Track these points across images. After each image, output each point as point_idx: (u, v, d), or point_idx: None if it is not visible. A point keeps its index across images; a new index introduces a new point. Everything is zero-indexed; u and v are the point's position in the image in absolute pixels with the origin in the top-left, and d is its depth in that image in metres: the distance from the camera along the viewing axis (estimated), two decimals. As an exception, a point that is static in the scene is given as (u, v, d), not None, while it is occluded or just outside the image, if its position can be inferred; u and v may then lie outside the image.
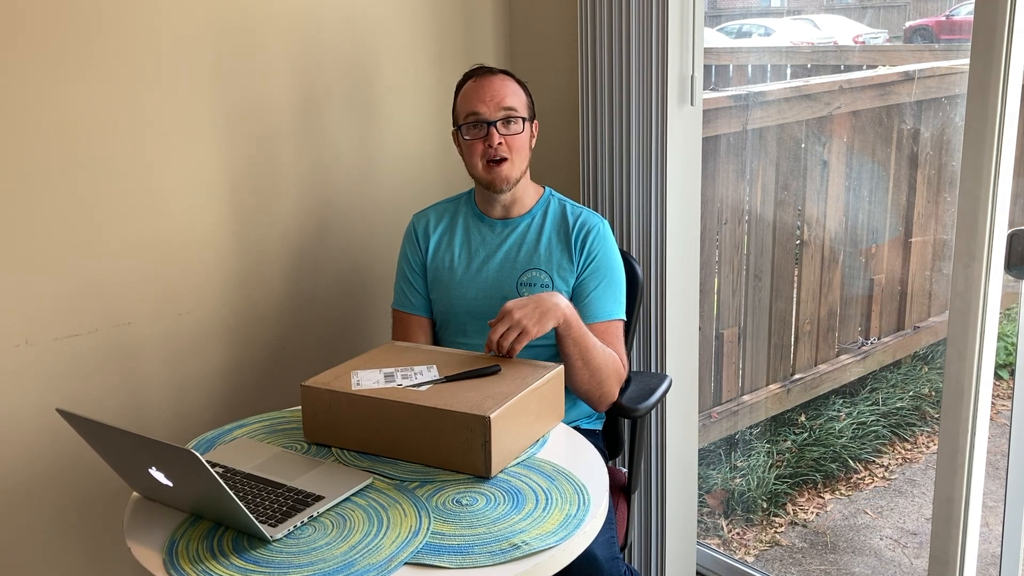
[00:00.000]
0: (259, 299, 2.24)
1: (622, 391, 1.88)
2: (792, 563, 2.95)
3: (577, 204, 1.98)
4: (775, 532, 3.14)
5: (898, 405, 3.91)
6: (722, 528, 3.15)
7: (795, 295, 3.70)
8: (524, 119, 1.90)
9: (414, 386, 1.60)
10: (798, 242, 3.67)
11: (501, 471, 1.51)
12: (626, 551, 2.08)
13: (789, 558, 2.98)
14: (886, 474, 3.52)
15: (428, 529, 1.34)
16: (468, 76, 1.95)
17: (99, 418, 1.31)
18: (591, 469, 1.53)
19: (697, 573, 2.44)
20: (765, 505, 3.28)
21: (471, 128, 1.89)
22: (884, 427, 3.76)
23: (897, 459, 3.63)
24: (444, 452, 1.51)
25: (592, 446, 1.63)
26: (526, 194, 1.96)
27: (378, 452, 1.58)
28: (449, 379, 1.62)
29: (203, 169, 2.11)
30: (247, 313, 2.23)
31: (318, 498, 1.42)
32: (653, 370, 2.24)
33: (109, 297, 2.02)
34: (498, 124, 1.86)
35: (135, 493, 1.49)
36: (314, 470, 1.52)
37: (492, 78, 1.91)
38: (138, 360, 2.08)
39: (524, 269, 1.92)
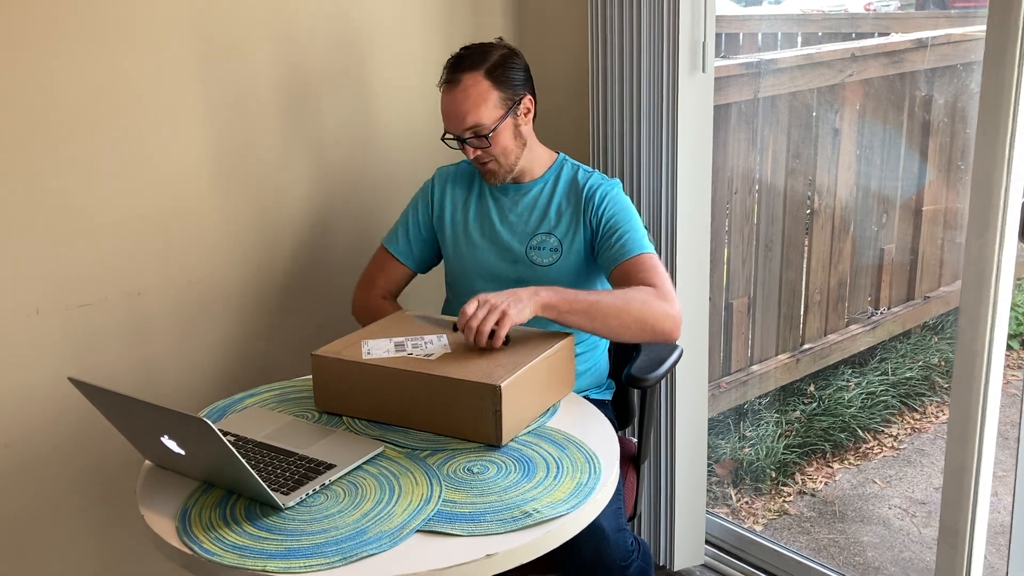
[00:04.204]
0: (269, 268, 2.24)
1: (633, 359, 1.87)
2: (800, 532, 2.96)
3: (590, 169, 1.97)
4: (784, 501, 3.15)
5: (907, 375, 3.91)
6: (731, 497, 3.16)
7: (805, 265, 3.69)
8: (493, 129, 1.83)
9: (425, 355, 1.60)
10: (808, 211, 3.65)
11: (512, 440, 1.52)
12: (634, 521, 2.09)
13: (797, 527, 2.99)
14: (895, 444, 3.53)
15: (440, 497, 1.35)
16: (443, 76, 1.88)
17: (111, 387, 1.31)
18: (602, 438, 1.53)
19: (706, 542, 2.45)
20: (774, 474, 3.28)
21: (449, 139, 1.89)
22: (893, 397, 3.75)
23: (906, 429, 3.63)
24: (455, 421, 1.52)
25: (602, 415, 1.63)
26: (534, 164, 1.95)
27: (389, 421, 1.59)
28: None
29: (209, 139, 2.10)
30: (257, 282, 2.23)
31: (330, 466, 1.42)
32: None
33: (119, 267, 2.02)
34: (468, 139, 1.85)
35: (147, 462, 1.50)
36: (325, 439, 1.52)
37: (454, 92, 1.83)
38: (149, 329, 2.08)
39: (534, 233, 1.91)
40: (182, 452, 1.35)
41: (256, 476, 1.29)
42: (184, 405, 2.10)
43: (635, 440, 2.02)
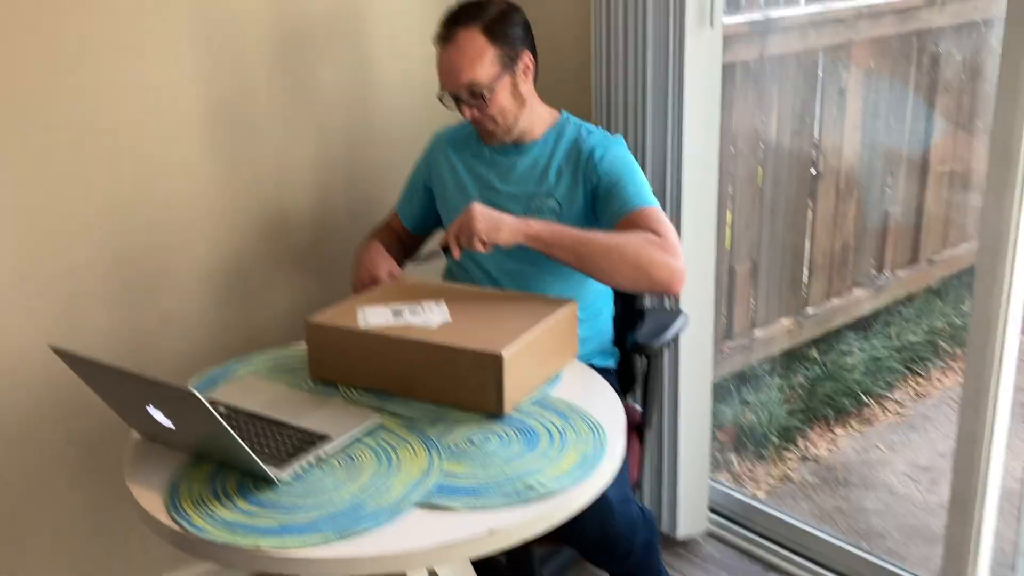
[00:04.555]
0: (261, 232, 2.18)
1: (637, 326, 1.82)
2: (803, 498, 2.93)
3: (593, 127, 1.89)
4: (786, 467, 3.12)
5: (912, 339, 3.86)
6: (733, 463, 3.13)
7: (809, 228, 3.62)
8: (491, 87, 1.76)
9: (424, 323, 1.54)
10: (814, 174, 3.58)
11: (514, 409, 1.46)
12: (638, 490, 2.05)
13: (800, 493, 2.96)
14: (899, 409, 3.49)
15: (439, 469, 1.30)
16: (438, 32, 1.81)
17: (97, 356, 1.26)
18: (607, 407, 1.48)
19: (709, 510, 2.41)
20: (776, 440, 3.25)
21: (447, 96, 1.82)
22: (897, 362, 3.71)
23: (910, 394, 3.59)
24: (455, 390, 1.46)
25: (607, 383, 1.58)
26: (534, 124, 1.87)
27: (387, 390, 1.53)
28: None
29: (202, 99, 2.03)
30: (252, 246, 2.17)
31: (325, 438, 1.37)
32: (667, 306, 2.18)
33: (107, 231, 1.95)
34: (465, 98, 1.78)
35: (135, 434, 1.45)
36: (321, 409, 1.47)
37: (449, 48, 1.77)
38: (138, 295, 2.02)
39: (533, 195, 1.85)
40: (171, 425, 1.30)
41: (248, 449, 1.23)
42: (174, 373, 2.05)
43: (639, 408, 1.97)
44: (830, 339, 3.79)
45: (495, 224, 1.63)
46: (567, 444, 1.36)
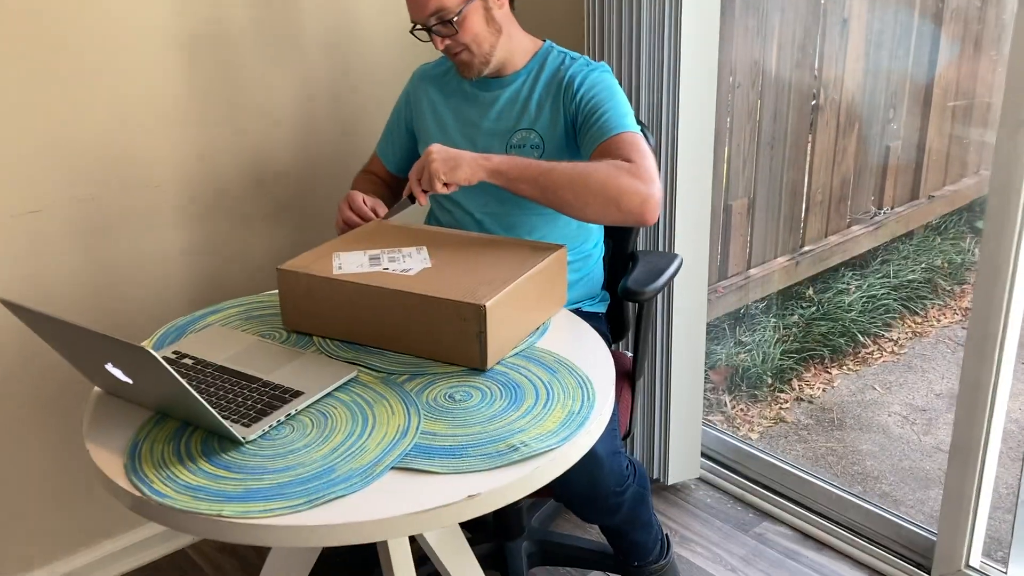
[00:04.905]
0: (239, 174, 2.07)
1: (630, 270, 1.73)
2: (797, 440, 2.89)
3: (577, 55, 1.77)
4: (780, 408, 3.07)
5: (909, 277, 3.79)
6: (726, 405, 3.08)
7: (808, 163, 3.52)
8: (458, 13, 1.64)
9: (402, 270, 1.45)
10: (813, 106, 3.46)
11: (498, 362, 1.38)
12: (628, 440, 1.98)
13: (794, 435, 2.91)
14: (895, 348, 3.43)
15: (418, 429, 1.22)
16: None
17: (60, 302, 1.17)
18: (595, 359, 1.40)
19: (701, 455, 2.36)
20: (770, 381, 3.19)
21: (418, 29, 1.70)
22: (895, 300, 3.64)
23: (907, 333, 3.53)
24: (435, 343, 1.38)
25: (596, 333, 1.50)
26: (514, 54, 1.76)
27: (363, 342, 1.45)
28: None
29: (176, 33, 1.90)
30: (226, 187, 2.06)
31: (297, 393, 1.29)
32: (661, 248, 2.09)
33: (70, 169, 1.85)
34: (434, 27, 1.66)
35: (96, 388, 1.37)
36: (293, 362, 1.39)
37: None
38: (104, 237, 1.92)
39: (514, 130, 1.74)
40: (130, 381, 1.21)
41: (211, 409, 1.15)
42: (142, 320, 1.97)
43: (630, 354, 1.90)
44: (827, 277, 3.72)
45: (453, 162, 1.53)
46: (553, 400, 1.28)
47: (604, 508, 1.57)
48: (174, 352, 1.43)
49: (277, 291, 1.57)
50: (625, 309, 1.94)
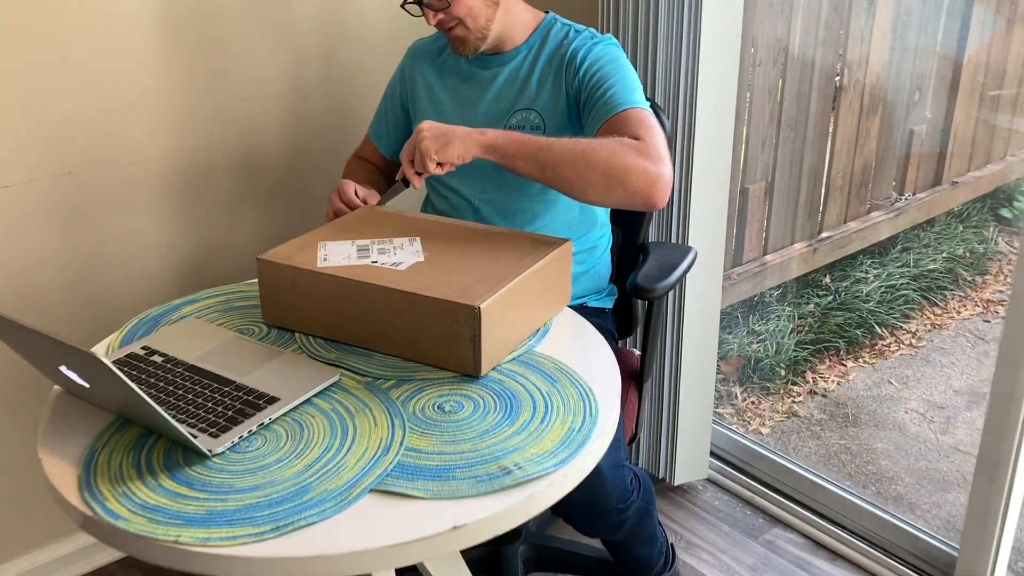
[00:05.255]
0: (225, 154, 1.95)
1: (640, 264, 1.61)
2: (810, 436, 2.77)
3: (583, 28, 1.64)
4: (793, 402, 2.95)
5: (930, 267, 3.65)
6: (736, 397, 2.96)
7: (829, 146, 3.38)
8: None
9: (392, 264, 1.33)
10: (837, 84, 3.31)
11: (493, 369, 1.27)
12: (633, 445, 1.87)
13: (807, 430, 2.80)
14: (913, 341, 3.30)
15: (401, 444, 1.11)
16: None
17: (32, 285, 1.05)
18: (600, 366, 1.28)
19: (710, 454, 2.25)
20: (783, 373, 3.07)
21: (409, 3, 1.57)
22: (914, 290, 3.51)
23: (926, 325, 3.40)
24: (425, 346, 1.26)
25: (602, 337, 1.38)
26: (513, 28, 1.62)
27: (348, 341, 1.34)
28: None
29: (160, 5, 1.78)
30: (212, 166, 1.94)
31: (272, 400, 1.18)
32: (674, 239, 1.97)
33: (46, 142, 1.73)
34: (426, 0, 1.53)
35: (57, 387, 1.26)
36: (271, 362, 1.28)
37: None
38: (81, 217, 1.81)
39: (514, 110, 1.61)
40: (86, 385, 1.10)
41: (172, 420, 1.04)
42: (119, 307, 1.86)
43: (638, 353, 1.78)
44: (844, 265, 3.58)
45: (445, 139, 1.41)
46: (552, 414, 1.17)
47: (606, 524, 1.47)
48: (143, 348, 1.32)
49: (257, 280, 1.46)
50: (633, 304, 1.82)
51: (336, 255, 1.36)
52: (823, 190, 3.44)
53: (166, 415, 1.04)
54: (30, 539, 1.93)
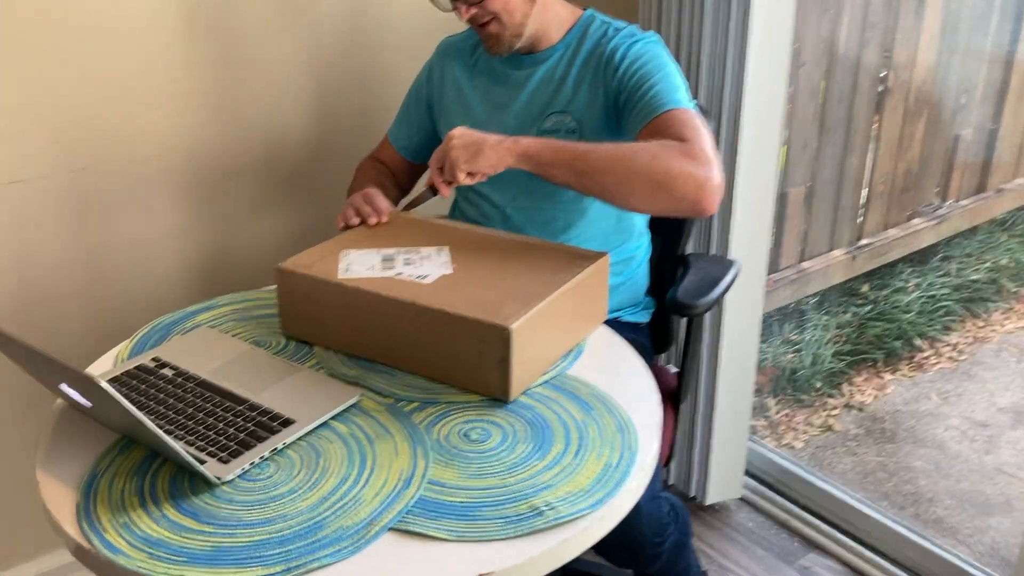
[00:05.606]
0: (242, 146, 1.87)
1: (679, 278, 1.51)
2: (845, 452, 2.67)
3: (623, 24, 1.54)
4: (828, 415, 2.85)
5: (973, 277, 3.53)
6: (769, 409, 2.86)
7: (872, 150, 3.26)
8: None
9: (418, 276, 1.25)
10: (881, 89, 3.19)
11: (523, 393, 1.18)
12: (668, 467, 1.78)
13: (842, 446, 2.69)
14: (954, 354, 3.18)
15: (423, 477, 1.03)
16: None
17: (43, 281, 0.98)
18: (638, 392, 1.20)
19: (744, 472, 2.15)
20: (819, 385, 2.96)
21: None
22: (955, 302, 3.39)
23: (967, 338, 3.28)
24: (452, 366, 1.18)
25: (640, 359, 1.29)
26: (549, 26, 1.53)
27: (370, 357, 1.26)
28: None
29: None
30: (226, 163, 1.86)
31: (287, 422, 1.10)
32: (714, 249, 1.87)
33: (60, 135, 1.66)
34: None
35: (59, 400, 1.19)
36: (287, 379, 1.20)
37: None
38: (95, 213, 1.74)
39: (547, 113, 1.52)
40: (88, 404, 1.03)
41: (177, 447, 0.97)
42: (134, 306, 1.79)
43: (674, 370, 1.69)
44: (883, 273, 3.47)
45: (475, 148, 1.32)
46: (587, 446, 1.08)
47: (641, 558, 1.38)
48: (153, 359, 1.24)
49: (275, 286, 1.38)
50: (671, 319, 1.72)
51: (359, 265, 1.28)
52: (864, 195, 3.32)
53: (171, 442, 0.96)
54: (34, 545, 1.88)
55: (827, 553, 2.00)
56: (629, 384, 1.22)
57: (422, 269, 1.27)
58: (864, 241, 3.36)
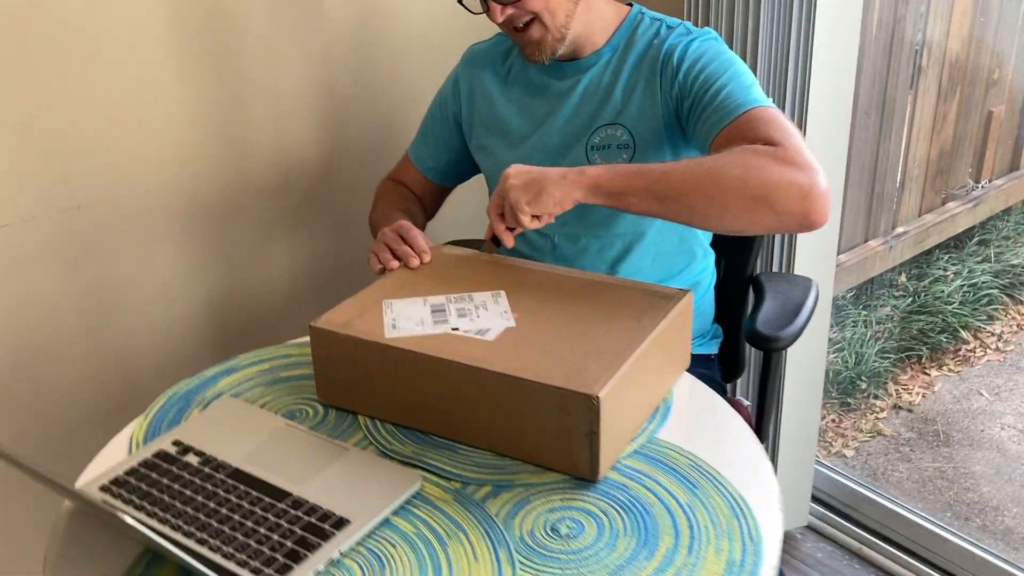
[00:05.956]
0: (248, 169, 1.69)
1: (756, 304, 1.34)
2: (899, 459, 2.51)
3: (676, 22, 1.35)
4: (876, 418, 2.69)
5: (1013, 262, 3.36)
6: (814, 415, 2.69)
7: (906, 133, 3.08)
8: None
9: (477, 332, 1.07)
10: (914, 69, 3.01)
11: (611, 468, 1.01)
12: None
13: (895, 452, 2.53)
14: (1000, 345, 3.02)
15: (513, 588, 0.85)
16: None
17: (38, 334, 0.81)
18: (745, 460, 1.02)
19: (812, 496, 1.99)
20: (864, 386, 2.80)
21: None
22: (998, 288, 3.22)
23: (1011, 327, 3.12)
24: (525, 440, 1.01)
25: (734, 413, 1.12)
26: (593, 27, 1.34)
27: (426, 429, 1.08)
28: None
29: (175, 14, 1.51)
30: (235, 188, 1.68)
31: (341, 522, 0.93)
32: (775, 265, 1.70)
33: (48, 172, 1.48)
34: None
35: (68, 503, 1.01)
36: (334, 464, 1.02)
37: None
38: (94, 255, 1.56)
39: (595, 127, 1.34)
40: (102, 519, 0.85)
41: (201, 567, 0.79)
42: (142, 362, 1.62)
43: (747, 403, 1.52)
44: (920, 262, 3.30)
45: (537, 187, 1.14)
46: (701, 539, 0.91)
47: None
48: (175, 442, 1.06)
49: (307, 339, 1.20)
50: (741, 346, 1.55)
51: (407, 319, 1.10)
52: (898, 181, 3.15)
53: (204, 569, 0.78)
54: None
55: (908, 585, 1.85)
56: (731, 448, 1.04)
57: (480, 322, 1.09)
58: (900, 229, 3.19)
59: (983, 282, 3.23)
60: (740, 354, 1.55)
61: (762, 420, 1.41)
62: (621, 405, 0.98)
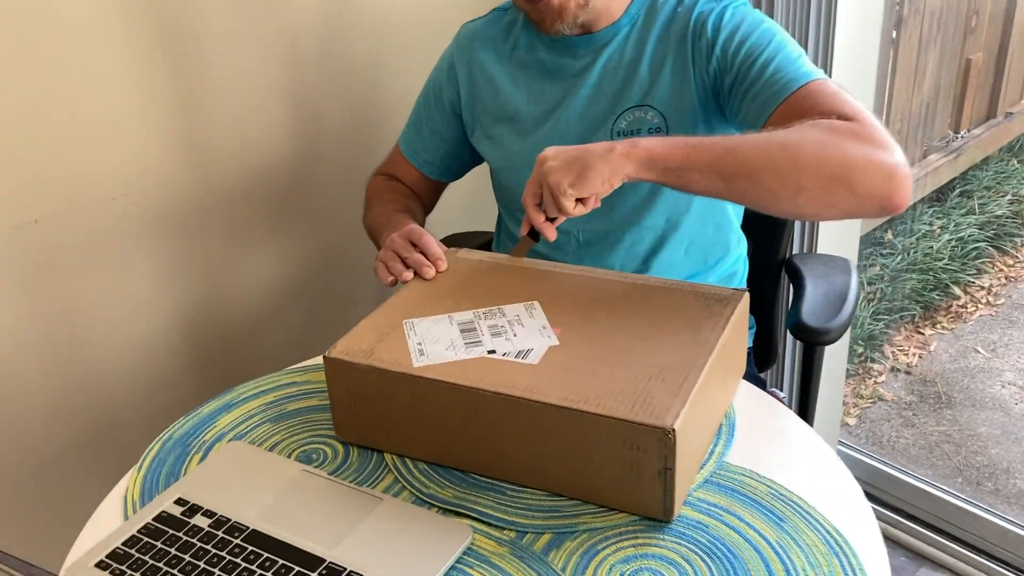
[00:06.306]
0: (220, 168, 1.53)
1: (798, 295, 1.23)
2: (903, 424, 2.45)
3: None
4: (875, 383, 2.62)
5: (997, 212, 3.31)
6: (813, 383, 2.62)
7: (888, 87, 3.00)
8: None
9: (518, 354, 0.94)
10: (897, 20, 2.92)
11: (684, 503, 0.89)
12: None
13: (898, 417, 2.47)
14: (990, 299, 2.98)
15: (599, 664, 0.74)
16: None
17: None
18: (831, 483, 0.91)
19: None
20: (860, 349, 2.73)
21: None
22: (984, 241, 3.17)
23: (999, 279, 3.07)
24: (586, 478, 0.88)
25: (801, 423, 1.01)
26: None
27: (467, 468, 0.95)
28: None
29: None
30: (204, 191, 1.52)
31: (385, 590, 0.80)
32: (797, 249, 1.59)
33: (0, 185, 1.31)
34: None
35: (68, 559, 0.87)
36: (368, 518, 0.89)
37: None
38: (54, 274, 1.39)
39: (621, 110, 1.20)
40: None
41: None
42: (123, 395, 1.46)
43: (782, 395, 1.41)
44: (904, 217, 3.23)
45: (580, 165, 1.00)
46: (801, 585, 0.80)
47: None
48: (178, 501, 0.92)
49: (314, 360, 1.07)
50: (775, 333, 1.45)
51: (434, 343, 0.97)
52: (882, 136, 3.07)
53: None
54: None
55: (941, 566, 1.77)
56: (808, 466, 0.93)
57: (519, 341, 0.96)
58: (885, 186, 3.11)
59: (969, 235, 3.17)
60: (773, 344, 1.45)
61: (805, 417, 1.31)
62: (693, 433, 0.87)
